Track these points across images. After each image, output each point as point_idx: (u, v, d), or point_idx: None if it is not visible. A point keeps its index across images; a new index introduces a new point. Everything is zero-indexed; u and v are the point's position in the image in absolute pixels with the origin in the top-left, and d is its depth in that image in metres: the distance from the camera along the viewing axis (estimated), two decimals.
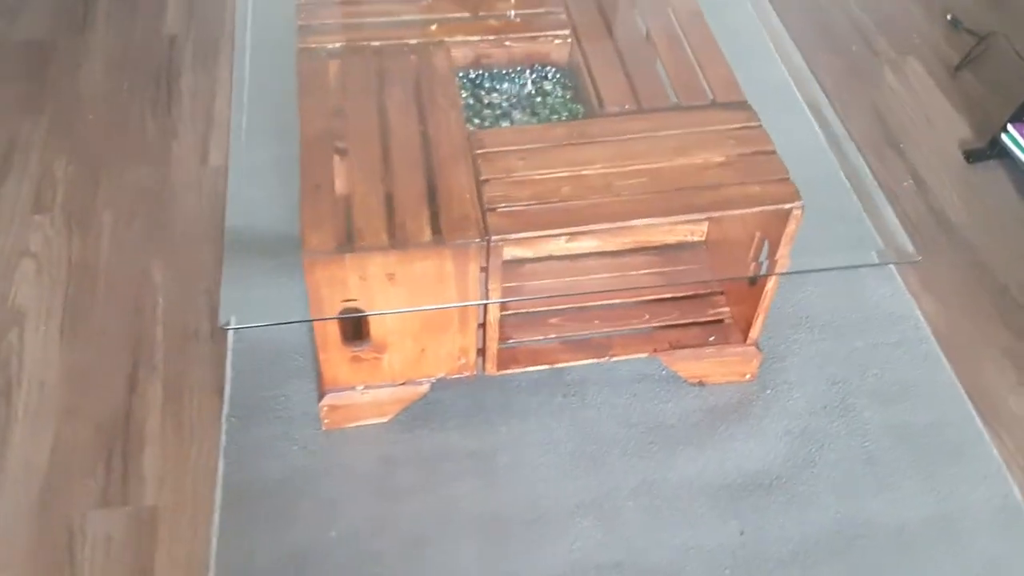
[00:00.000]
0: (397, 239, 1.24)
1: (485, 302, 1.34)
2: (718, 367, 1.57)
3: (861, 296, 1.72)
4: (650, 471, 1.47)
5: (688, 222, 1.61)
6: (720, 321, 1.58)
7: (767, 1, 1.87)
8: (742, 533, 1.41)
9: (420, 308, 1.31)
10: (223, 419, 1.51)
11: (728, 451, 1.50)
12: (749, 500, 1.44)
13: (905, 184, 1.93)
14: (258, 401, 1.53)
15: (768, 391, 1.58)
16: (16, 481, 1.43)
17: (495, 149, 1.37)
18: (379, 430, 1.50)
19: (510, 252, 1.58)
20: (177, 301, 1.67)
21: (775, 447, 1.51)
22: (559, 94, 1.54)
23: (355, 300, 1.28)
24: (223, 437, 1.49)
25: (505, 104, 1.52)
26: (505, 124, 1.49)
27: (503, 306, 1.57)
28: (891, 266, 1.75)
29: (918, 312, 1.70)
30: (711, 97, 1.47)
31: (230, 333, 1.62)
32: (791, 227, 1.34)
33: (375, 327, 1.37)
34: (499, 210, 1.29)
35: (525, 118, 1.50)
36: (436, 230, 1.26)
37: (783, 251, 1.37)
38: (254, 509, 1.40)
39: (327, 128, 1.38)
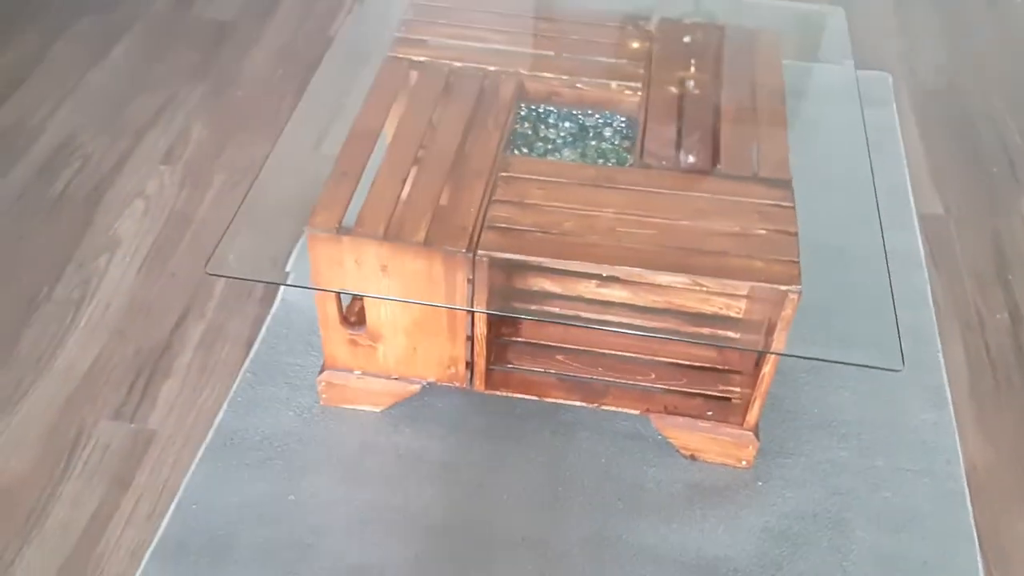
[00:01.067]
0: (392, 233, 1.32)
1: (463, 308, 1.38)
2: (712, 444, 1.52)
3: (900, 414, 1.61)
4: (608, 527, 1.44)
5: (725, 294, 1.58)
6: (727, 400, 1.53)
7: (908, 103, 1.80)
8: None
9: (402, 300, 1.37)
10: (241, 372, 1.64)
11: (695, 530, 1.44)
12: None
13: (998, 316, 1.78)
14: (277, 364, 1.65)
15: (760, 483, 1.51)
16: (55, 377, 1.62)
17: (519, 175, 1.42)
18: (369, 418, 1.57)
19: (538, 284, 1.62)
20: (244, 262, 1.82)
21: (746, 540, 1.43)
22: (615, 141, 1.57)
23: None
24: (234, 387, 1.61)
25: (559, 140, 1.57)
26: (552, 158, 1.54)
27: (512, 331, 1.61)
28: (947, 394, 1.63)
29: (958, 447, 1.56)
30: (755, 170, 1.45)
31: (278, 297, 1.75)
32: (787, 311, 1.29)
33: (370, 314, 1.45)
34: (496, 228, 1.33)
35: (572, 156, 1.54)
36: (432, 233, 1.32)
37: (779, 335, 1.32)
38: (235, 457, 1.51)
39: (377, 126, 1.48)
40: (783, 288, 1.27)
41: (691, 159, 1.46)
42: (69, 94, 2.21)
